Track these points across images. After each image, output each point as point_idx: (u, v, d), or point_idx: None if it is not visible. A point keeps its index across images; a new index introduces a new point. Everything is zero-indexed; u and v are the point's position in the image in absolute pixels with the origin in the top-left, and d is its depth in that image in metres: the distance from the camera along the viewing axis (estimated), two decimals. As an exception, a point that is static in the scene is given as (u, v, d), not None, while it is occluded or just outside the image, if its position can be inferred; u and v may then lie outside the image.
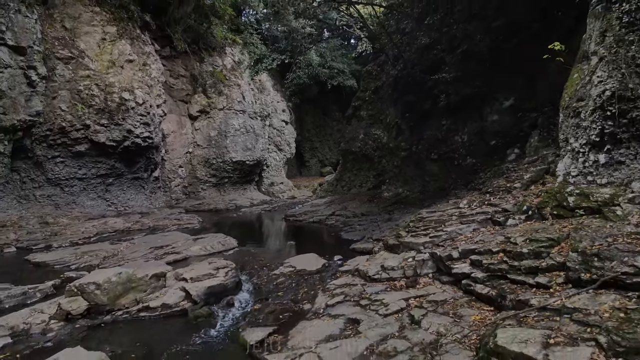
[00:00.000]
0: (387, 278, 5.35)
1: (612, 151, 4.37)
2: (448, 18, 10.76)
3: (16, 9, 11.60)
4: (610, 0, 4.21)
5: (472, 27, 10.02)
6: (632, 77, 3.99)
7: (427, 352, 3.34)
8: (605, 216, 4.06)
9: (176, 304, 5.24)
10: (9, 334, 4.32)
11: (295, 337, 4.08)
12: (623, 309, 2.75)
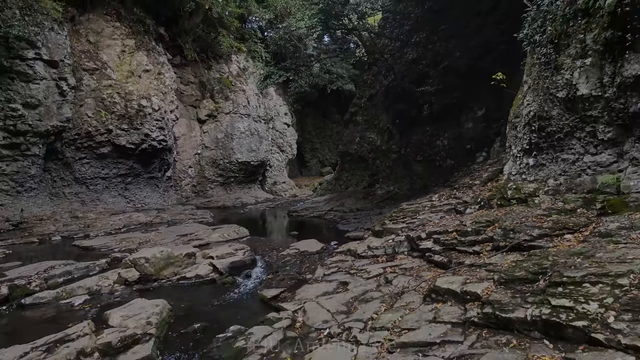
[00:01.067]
0: (372, 255, 6.81)
1: (537, 156, 5.85)
2: (433, 36, 12.23)
3: (50, 27, 13.09)
4: (533, 44, 5.68)
5: (452, 45, 11.50)
6: (547, 102, 5.46)
7: (393, 297, 4.81)
8: (528, 204, 5.54)
9: (206, 275, 6.71)
10: (86, 292, 5.80)
11: (300, 294, 5.55)
12: (516, 261, 4.22)
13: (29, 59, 12.34)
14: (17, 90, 12.18)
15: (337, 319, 4.49)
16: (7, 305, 5.36)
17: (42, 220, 12.20)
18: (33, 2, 12.58)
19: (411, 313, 4.15)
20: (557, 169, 5.54)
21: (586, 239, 4.25)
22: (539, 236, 4.59)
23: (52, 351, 3.78)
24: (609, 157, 4.92)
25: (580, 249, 3.98)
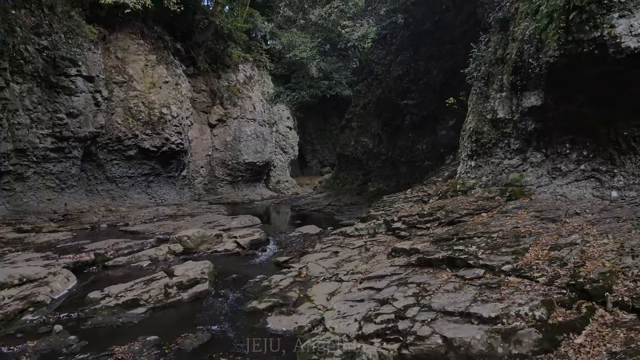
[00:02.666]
0: (358, 234, 8.97)
1: (476, 160, 8.02)
2: (415, 56, 14.38)
3: (88, 47, 15.29)
4: (473, 79, 7.85)
5: (431, 65, 13.66)
6: (481, 122, 7.64)
7: (368, 258, 6.98)
8: (467, 194, 7.72)
9: (233, 249, 8.90)
10: (148, 259, 7.98)
11: (303, 259, 7.71)
12: (446, 230, 6.40)
13: (72, 76, 14.51)
14: (62, 102, 14.36)
15: (329, 271, 6.67)
16: (95, 267, 7.53)
17: (83, 213, 14.38)
18: (75, 27, 14.78)
19: (378, 264, 6.33)
20: (488, 169, 7.72)
21: (493, 215, 6.43)
22: (465, 214, 6.78)
23: (147, 285, 5.97)
24: (517, 161, 7.10)
25: (485, 221, 6.17)
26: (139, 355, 4.05)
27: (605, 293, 3.67)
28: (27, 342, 4.33)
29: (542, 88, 6.04)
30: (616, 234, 4.67)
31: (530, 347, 3.33)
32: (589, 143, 5.85)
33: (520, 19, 6.30)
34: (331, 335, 4.09)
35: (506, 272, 4.50)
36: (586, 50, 4.87)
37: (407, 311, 4.16)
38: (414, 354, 3.52)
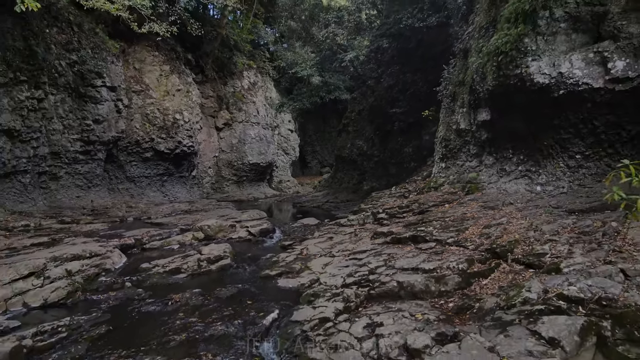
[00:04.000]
0: (350, 224, 10.73)
1: (446, 162, 9.79)
2: (404, 68, 16.14)
3: (111, 60, 17.08)
4: (442, 95, 9.62)
5: (417, 77, 15.41)
6: (448, 131, 9.41)
7: (356, 240, 8.74)
8: (437, 190, 9.49)
9: (245, 236, 10.67)
10: (177, 243, 9.76)
11: (304, 243, 9.47)
12: (416, 217, 8.17)
13: (98, 86, 16.29)
14: (89, 110, 16.14)
15: (325, 250, 8.43)
16: (136, 248, 9.30)
17: (108, 208, 16.14)
18: (100, 43, 16.56)
19: (362, 244, 8.10)
20: (454, 169, 9.50)
21: (453, 206, 8.20)
22: (432, 206, 8.55)
23: (184, 259, 7.75)
24: (475, 163, 8.87)
25: (445, 210, 7.94)
26: (189, 300, 5.82)
27: (508, 253, 5.44)
28: (109, 293, 6.11)
29: (489, 107, 7.80)
30: (531, 217, 6.44)
31: (452, 286, 5.11)
32: (523, 149, 7.61)
33: (472, 53, 8.06)
34: (324, 286, 5.87)
35: (450, 243, 6.28)
36: (512, 83, 6.63)
37: (377, 269, 5.94)
38: (377, 292, 5.29)
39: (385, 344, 4.00)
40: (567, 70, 6.04)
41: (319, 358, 4.10)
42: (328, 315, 4.89)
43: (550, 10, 6.04)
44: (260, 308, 5.47)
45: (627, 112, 5.87)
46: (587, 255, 4.80)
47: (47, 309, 5.56)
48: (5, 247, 8.10)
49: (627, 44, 5.49)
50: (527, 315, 3.95)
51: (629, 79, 5.55)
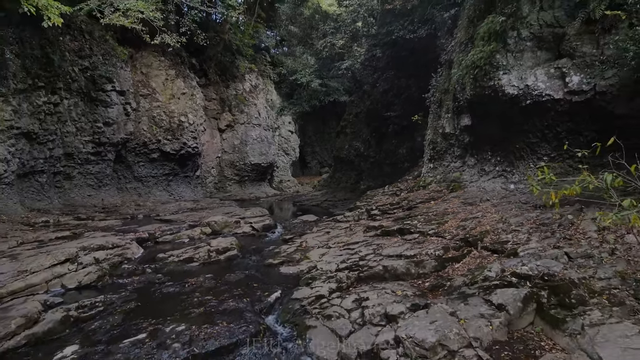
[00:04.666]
0: (346, 220, 11.61)
1: (434, 163, 10.67)
2: (398, 74, 17.01)
3: (120, 66, 17.96)
4: (430, 102, 10.50)
5: (411, 82, 16.29)
6: (435, 134, 10.30)
7: (351, 234, 9.62)
8: (426, 189, 10.38)
9: (249, 231, 11.55)
10: (187, 237, 10.63)
11: (303, 236, 10.35)
12: (404, 213, 9.05)
13: (108, 91, 17.17)
14: (100, 113, 17.02)
15: (322, 243, 9.31)
16: (150, 242, 10.17)
17: (117, 206, 17.02)
18: (110, 49, 17.44)
19: (356, 236, 8.98)
20: (441, 170, 10.38)
21: (437, 202, 9.09)
22: (419, 202, 9.44)
23: (196, 250, 8.63)
24: (459, 164, 9.75)
25: (430, 206, 8.82)
26: (203, 283, 6.71)
27: (478, 242, 6.33)
28: (132, 277, 7.00)
29: (469, 113, 8.67)
30: (503, 211, 7.32)
31: (429, 269, 5.99)
32: (500, 152, 8.48)
33: (454, 65, 8.94)
34: (320, 271, 6.75)
35: (430, 234, 7.16)
36: (487, 93, 7.51)
37: (366, 257, 6.83)
38: (366, 275, 6.17)
39: (369, 313, 4.89)
40: (532, 83, 6.92)
41: (315, 325, 4.99)
42: (323, 294, 5.77)
43: (518, 30, 6.92)
44: (265, 289, 6.35)
45: (583, 120, 6.75)
46: (541, 242, 5.69)
47: (81, 290, 6.45)
48: (34, 240, 8.99)
49: (581, 62, 6.36)
50: (485, 289, 4.84)
51: (583, 91, 6.43)
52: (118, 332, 4.87)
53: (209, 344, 4.56)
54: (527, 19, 6.87)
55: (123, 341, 4.60)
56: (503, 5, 7.10)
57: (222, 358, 4.45)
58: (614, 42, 5.54)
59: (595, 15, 5.84)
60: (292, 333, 5.02)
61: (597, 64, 6.03)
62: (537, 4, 6.76)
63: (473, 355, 3.77)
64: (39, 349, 4.52)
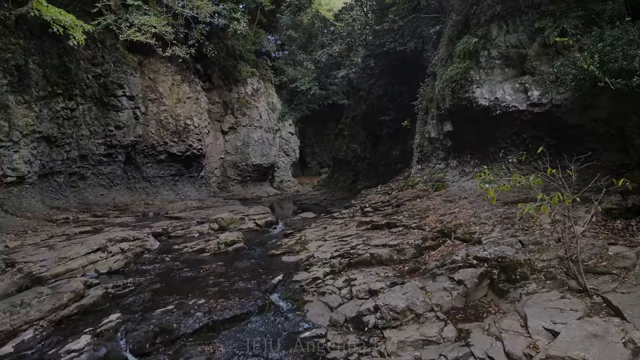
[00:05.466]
0: (341, 217, 12.66)
1: (421, 164, 11.73)
2: (392, 80, 18.07)
3: (130, 72, 19.03)
4: (418, 108, 11.55)
5: (404, 89, 17.34)
6: (422, 138, 11.36)
7: (345, 228, 10.68)
8: (413, 188, 11.43)
9: (253, 227, 12.61)
10: (197, 232, 11.70)
11: (303, 231, 11.40)
12: (392, 209, 10.11)
13: (119, 96, 18.24)
14: (112, 117, 18.08)
15: (319, 236, 10.36)
16: (164, 236, 11.23)
17: (128, 205, 18.08)
18: (121, 57, 18.50)
19: (349, 230, 10.03)
20: (427, 171, 11.43)
21: (422, 200, 10.14)
22: (407, 200, 10.49)
23: (206, 242, 9.69)
24: (443, 166, 10.80)
25: (416, 203, 9.88)
26: (216, 269, 7.76)
27: (452, 233, 7.38)
28: (154, 264, 8.06)
29: (450, 120, 9.72)
30: (477, 207, 8.38)
31: (409, 256, 7.05)
32: (477, 155, 9.53)
33: (437, 77, 9.99)
34: (316, 259, 7.81)
35: (413, 227, 8.22)
36: (463, 104, 8.57)
37: (356, 247, 7.89)
38: (355, 261, 7.23)
39: (356, 290, 5.95)
40: (501, 96, 7.97)
41: (311, 300, 6.06)
42: (319, 276, 6.84)
43: (488, 50, 7.97)
44: (269, 274, 7.41)
45: (544, 128, 7.80)
46: (502, 232, 6.76)
47: (111, 274, 7.51)
48: (62, 234, 10.06)
49: (540, 79, 7.41)
50: (451, 269, 5.90)
51: (542, 104, 7.48)
52: (149, 305, 5.94)
53: (224, 313, 5.62)
54: (496, 40, 7.92)
55: (155, 311, 5.66)
56: (476, 28, 8.15)
57: (236, 324, 5.50)
58: (557, 66, 6.57)
59: (549, 40, 6.88)
60: (292, 306, 6.08)
61: (552, 81, 7.07)
62: (504, 28, 7.81)
63: (433, 316, 4.83)
64: (88, 316, 5.59)
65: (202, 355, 4.72)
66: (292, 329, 5.40)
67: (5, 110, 12.44)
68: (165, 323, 5.28)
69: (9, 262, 6.99)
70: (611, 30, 5.76)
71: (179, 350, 4.89)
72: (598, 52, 5.51)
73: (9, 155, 12.64)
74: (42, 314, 5.32)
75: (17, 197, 12.89)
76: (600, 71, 5.48)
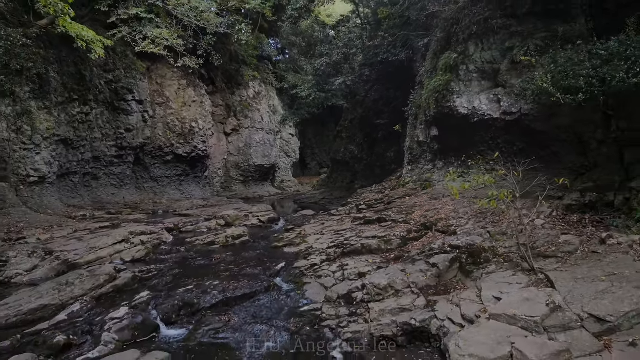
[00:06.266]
0: (338, 214, 13.69)
1: (412, 165, 12.78)
2: (387, 85, 19.10)
3: (139, 78, 20.08)
4: (409, 114, 12.60)
5: (398, 94, 18.37)
6: (412, 141, 12.41)
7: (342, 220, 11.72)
8: (404, 187, 12.49)
9: (257, 223, 13.65)
10: (205, 227, 12.74)
11: (302, 227, 12.43)
12: (383, 206, 11.16)
13: (129, 100, 19.30)
14: (122, 120, 19.14)
15: (317, 231, 11.40)
16: (175, 231, 12.27)
17: (137, 203, 19.13)
18: (130, 64, 19.55)
19: (344, 225, 11.07)
20: (417, 171, 12.48)
21: (411, 198, 11.18)
22: (397, 198, 11.53)
23: (216, 236, 10.75)
24: (430, 167, 11.85)
25: (405, 201, 10.93)
26: (226, 258, 8.81)
27: (433, 226, 8.42)
28: (170, 254, 9.11)
29: (436, 126, 10.77)
30: (457, 204, 9.42)
31: (395, 246, 8.09)
32: (460, 157, 10.54)
33: (424, 87, 11.04)
34: (314, 249, 8.86)
35: (400, 222, 9.27)
36: (446, 112, 9.61)
37: (350, 238, 8.94)
38: (348, 250, 8.27)
39: (347, 273, 7.00)
40: (478, 105, 9.01)
41: (310, 282, 7.11)
42: (316, 263, 7.89)
43: (467, 65, 9.01)
44: (273, 262, 8.46)
45: (515, 133, 8.84)
46: (474, 225, 7.81)
47: (135, 262, 8.55)
48: (84, 228, 11.11)
49: (510, 91, 8.45)
50: (428, 255, 6.94)
51: (513, 113, 8.52)
52: (172, 285, 6.99)
53: (236, 292, 6.67)
54: (473, 56, 8.96)
55: (177, 290, 6.71)
56: (456, 45, 9.19)
57: (246, 301, 6.55)
58: (519, 83, 7.61)
59: (517, 58, 7.92)
60: (293, 287, 7.13)
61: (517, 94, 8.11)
62: (480, 46, 8.85)
63: (409, 291, 5.88)
64: (122, 294, 6.64)
65: (220, 323, 5.77)
66: (293, 305, 6.44)
67: (28, 115, 13.49)
68: (187, 299, 6.33)
69: (47, 252, 8.05)
70: (564, 52, 6.79)
71: (200, 320, 5.94)
72: (551, 72, 6.53)
73: (31, 157, 13.69)
74: (84, 291, 6.38)
75: (39, 196, 13.95)
76: (553, 88, 6.51)
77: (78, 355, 4.79)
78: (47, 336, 5.00)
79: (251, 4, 20.27)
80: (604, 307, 4.07)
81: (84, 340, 5.12)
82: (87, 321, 5.59)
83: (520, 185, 6.83)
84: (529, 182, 7.19)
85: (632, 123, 7.49)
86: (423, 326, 4.95)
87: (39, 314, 5.77)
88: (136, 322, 5.49)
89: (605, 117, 7.80)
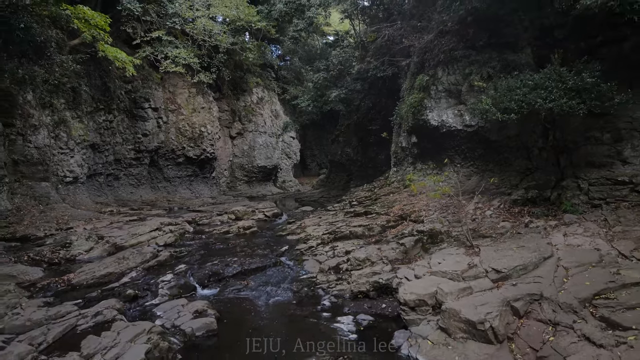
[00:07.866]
0: (333, 209, 15.71)
1: (397, 167, 14.81)
2: (379, 95, 21.12)
3: (155, 87, 22.14)
4: (394, 122, 14.63)
5: (388, 103, 20.39)
6: (396, 146, 14.45)
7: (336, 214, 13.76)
8: (390, 186, 14.52)
9: (262, 217, 15.69)
10: (219, 221, 14.78)
11: (303, 220, 14.47)
12: (371, 202, 13.20)
13: (145, 108, 21.36)
14: (139, 126, 21.19)
15: (315, 223, 13.43)
16: (193, 224, 14.30)
17: (153, 202, 21.17)
18: (147, 74, 21.62)
19: (337, 218, 13.09)
20: (400, 172, 14.51)
21: (394, 195, 13.20)
22: (383, 195, 13.57)
23: (229, 227, 12.80)
24: (412, 169, 13.87)
25: (389, 197, 12.96)
26: (239, 244, 10.85)
27: (407, 217, 10.45)
28: (194, 240, 11.16)
29: (414, 134, 12.78)
30: (429, 200, 11.43)
31: (376, 232, 10.13)
32: (435, 161, 12.58)
33: (405, 101, 13.06)
34: (312, 236, 10.89)
35: (382, 214, 11.29)
36: (421, 123, 11.62)
37: (340, 227, 10.98)
38: (339, 236, 10.29)
39: (336, 251, 9.04)
40: (445, 119, 11.03)
41: (307, 259, 9.14)
42: (313, 245, 9.92)
43: (436, 86, 11.03)
44: (278, 246, 10.49)
45: (475, 142, 10.85)
46: (438, 215, 9.83)
47: (166, 247, 10.59)
48: (118, 221, 13.16)
49: (469, 108, 10.45)
50: (400, 238, 8.97)
51: (472, 125, 10.54)
52: (201, 261, 9.04)
53: (251, 265, 8.71)
54: (441, 79, 10.98)
55: (206, 264, 8.75)
56: (428, 69, 11.20)
57: (259, 272, 8.59)
58: (470, 104, 9.60)
59: (473, 82, 9.93)
60: (294, 263, 9.17)
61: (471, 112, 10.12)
62: (446, 71, 10.86)
63: (381, 262, 7.91)
64: (164, 267, 8.67)
65: (241, 286, 7.81)
66: (295, 274, 8.48)
67: (65, 124, 15.55)
68: (214, 269, 8.37)
69: (99, 237, 10.09)
70: (504, 80, 8.77)
71: (225, 284, 7.98)
72: (492, 97, 8.51)
73: (67, 160, 15.74)
74: (136, 264, 8.42)
75: (73, 194, 16.00)
76: (495, 108, 8.51)
77: (145, 302, 6.83)
78: (121, 290, 7.06)
79: (257, 25, 22.35)
80: (502, 264, 6.10)
81: (146, 294, 7.16)
82: (144, 282, 7.63)
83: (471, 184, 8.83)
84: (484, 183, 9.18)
85: (565, 134, 9.52)
86: (387, 283, 6.98)
87: (107, 278, 7.81)
88: (180, 283, 7.53)
89: (544, 128, 9.80)
